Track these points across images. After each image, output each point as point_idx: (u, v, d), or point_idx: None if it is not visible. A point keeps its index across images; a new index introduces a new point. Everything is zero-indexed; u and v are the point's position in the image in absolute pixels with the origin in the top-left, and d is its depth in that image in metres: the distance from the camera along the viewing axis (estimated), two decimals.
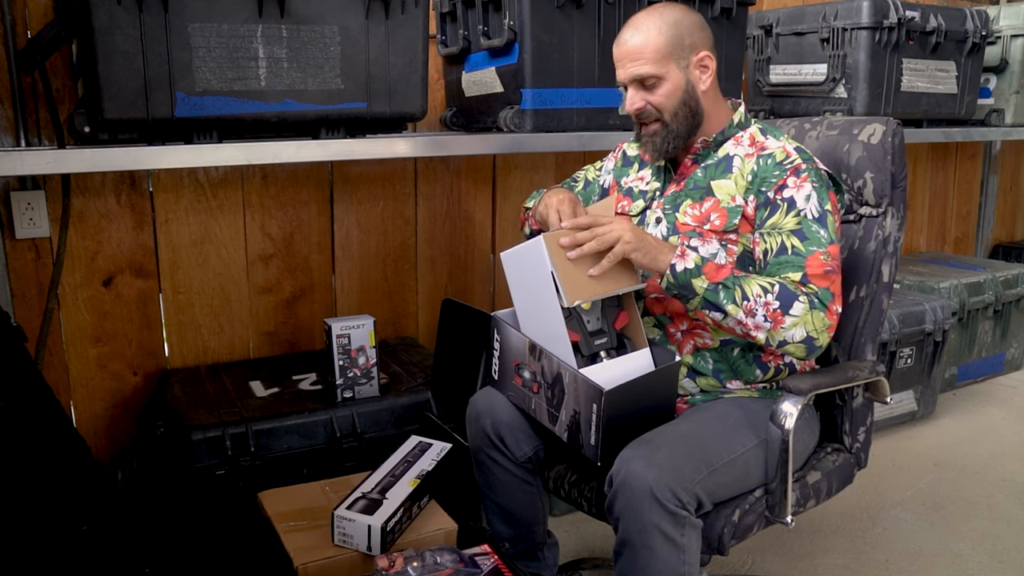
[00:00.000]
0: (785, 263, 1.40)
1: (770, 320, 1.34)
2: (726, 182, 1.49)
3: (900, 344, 2.76)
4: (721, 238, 1.47)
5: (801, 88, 2.80)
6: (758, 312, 1.34)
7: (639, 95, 1.48)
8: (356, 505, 1.45)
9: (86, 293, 2.08)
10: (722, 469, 1.36)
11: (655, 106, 1.48)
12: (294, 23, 1.72)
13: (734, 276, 1.37)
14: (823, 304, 1.37)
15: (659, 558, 1.28)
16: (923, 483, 2.47)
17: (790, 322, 1.34)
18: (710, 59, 1.48)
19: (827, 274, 1.38)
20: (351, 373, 1.92)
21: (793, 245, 1.40)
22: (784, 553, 2.08)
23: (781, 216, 1.42)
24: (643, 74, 1.46)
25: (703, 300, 1.36)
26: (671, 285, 1.38)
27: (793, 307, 1.34)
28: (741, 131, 1.54)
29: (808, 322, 1.35)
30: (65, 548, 1.38)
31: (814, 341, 1.36)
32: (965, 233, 4.00)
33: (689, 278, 1.36)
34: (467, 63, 2.24)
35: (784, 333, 1.35)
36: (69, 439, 1.56)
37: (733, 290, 1.35)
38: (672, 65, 1.46)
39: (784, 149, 1.47)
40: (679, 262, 1.37)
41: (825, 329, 1.37)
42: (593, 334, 1.44)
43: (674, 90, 1.47)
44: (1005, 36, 3.15)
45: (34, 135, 1.96)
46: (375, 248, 2.44)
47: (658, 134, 1.50)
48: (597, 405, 1.31)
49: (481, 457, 1.58)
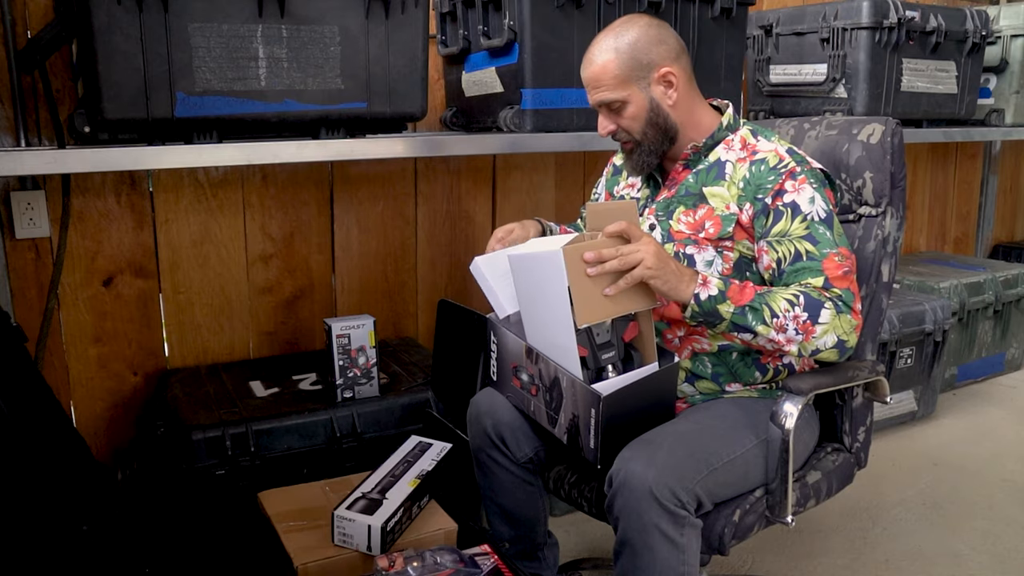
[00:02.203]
0: (803, 269, 1.39)
1: (801, 332, 1.34)
2: (719, 189, 1.48)
3: (900, 344, 2.76)
4: (716, 245, 1.46)
5: (801, 88, 2.80)
6: (789, 327, 1.34)
7: (609, 119, 1.50)
8: (356, 505, 1.45)
9: (86, 293, 2.08)
10: (722, 469, 1.36)
11: (624, 129, 1.49)
12: (294, 23, 1.72)
13: (759, 295, 1.36)
14: (847, 305, 1.37)
15: (659, 558, 1.28)
16: (923, 483, 2.47)
17: (821, 330, 1.34)
18: (673, 74, 1.46)
19: (846, 275, 1.39)
20: (351, 373, 1.92)
21: (807, 251, 1.39)
22: (784, 553, 2.08)
23: (787, 223, 1.41)
24: (606, 100, 1.47)
25: (731, 324, 1.35)
26: (696, 314, 1.35)
27: (821, 315, 1.34)
28: (731, 133, 1.52)
29: (837, 326, 1.35)
30: (65, 548, 1.38)
31: (845, 343, 1.37)
32: (965, 233, 4.00)
33: (714, 304, 1.34)
34: (467, 63, 2.24)
35: (816, 342, 1.35)
36: (69, 439, 1.56)
37: (761, 311, 1.34)
38: (633, 87, 1.45)
39: (776, 152, 1.46)
40: (702, 291, 1.34)
41: (853, 330, 1.37)
42: (601, 347, 1.39)
43: (638, 112, 1.47)
44: (1005, 36, 3.15)
45: (34, 135, 1.96)
46: (375, 248, 2.44)
47: (634, 152, 1.52)
48: (595, 410, 1.30)
49: (482, 457, 1.58)
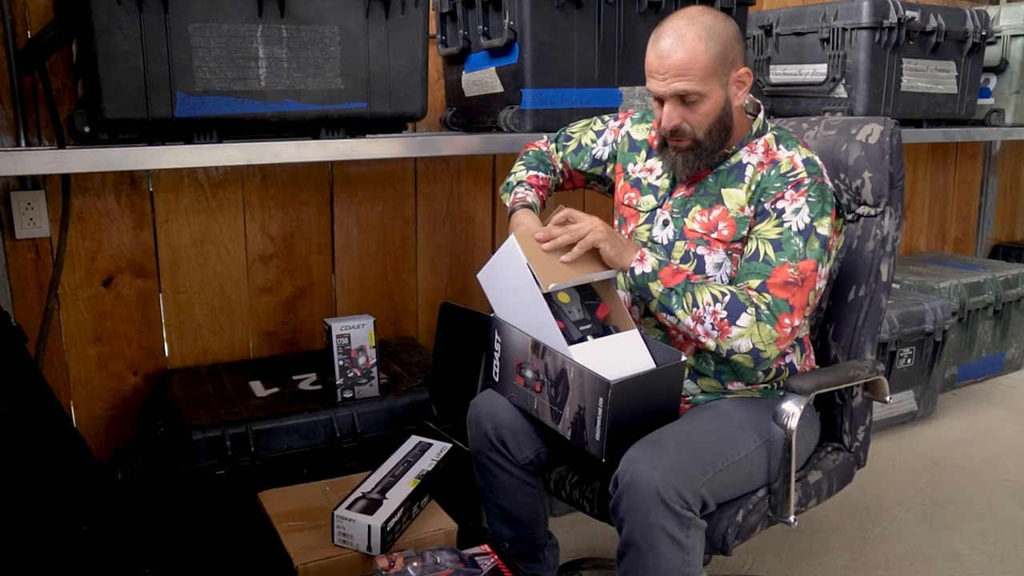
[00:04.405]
0: (753, 270, 1.39)
1: (717, 329, 1.36)
2: (737, 191, 1.46)
3: (900, 344, 2.76)
4: (728, 248, 1.46)
5: (801, 88, 2.80)
6: (706, 320, 1.37)
7: (677, 112, 1.41)
8: (356, 505, 1.45)
9: (86, 293, 2.08)
10: (727, 470, 1.36)
11: (692, 124, 1.42)
12: (294, 23, 1.72)
13: (688, 282, 1.39)
14: (773, 316, 1.35)
15: (664, 559, 1.28)
16: (923, 483, 2.47)
17: (736, 332, 1.35)
18: (748, 76, 1.43)
19: (787, 285, 1.36)
20: (351, 373, 1.92)
21: (765, 253, 1.39)
22: (784, 553, 2.08)
23: (767, 223, 1.41)
24: (686, 91, 1.39)
25: (659, 303, 1.41)
26: (631, 287, 1.44)
27: (740, 318, 1.35)
28: (757, 138, 1.50)
29: (754, 334, 1.35)
30: (65, 548, 1.38)
31: (761, 353, 1.36)
32: (965, 233, 4.00)
33: (646, 281, 1.41)
34: (467, 63, 2.24)
35: (731, 343, 1.36)
36: (69, 439, 1.56)
37: (684, 296, 1.38)
38: (715, 83, 1.39)
39: (791, 160, 1.43)
40: (637, 265, 1.42)
41: (773, 341, 1.36)
42: (576, 323, 1.47)
43: (713, 109, 1.41)
44: (1005, 36, 3.15)
45: (34, 135, 1.96)
46: (375, 248, 2.44)
47: (690, 152, 1.45)
48: (603, 399, 1.30)
49: (482, 460, 1.58)
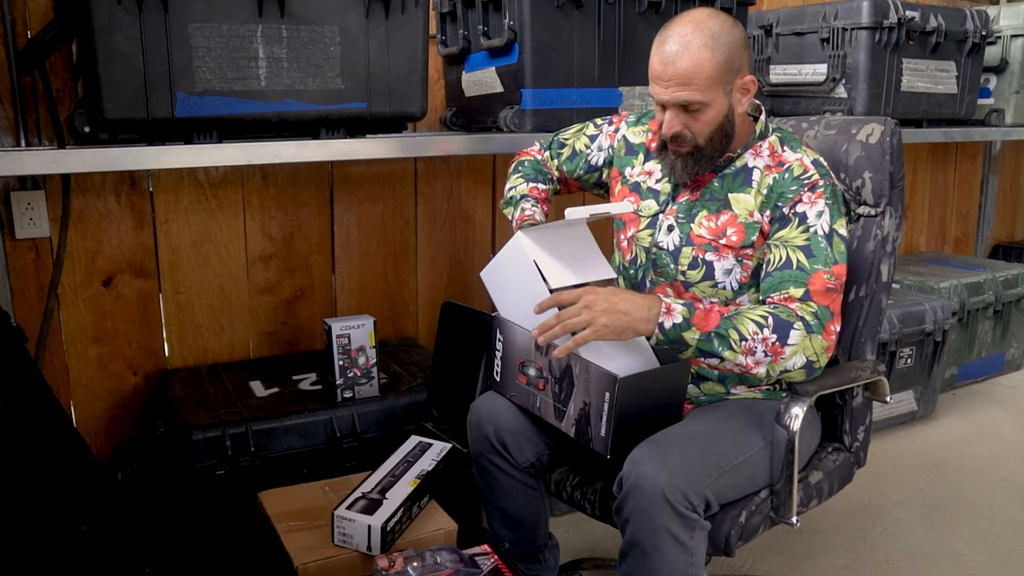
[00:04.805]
0: (789, 278, 1.38)
1: (771, 354, 1.32)
2: (744, 196, 1.46)
3: (900, 344, 2.76)
4: (738, 254, 1.45)
5: (801, 88, 2.80)
6: (757, 350, 1.32)
7: (679, 119, 1.41)
8: (356, 505, 1.45)
9: (86, 293, 2.08)
10: (731, 471, 1.36)
11: (693, 132, 1.41)
12: (294, 23, 1.72)
13: (725, 319, 1.33)
14: (820, 324, 1.34)
15: (668, 560, 1.28)
16: (923, 483, 2.47)
17: (790, 351, 1.33)
18: (753, 83, 1.42)
19: (828, 292, 1.36)
20: (351, 373, 1.92)
21: (799, 260, 1.38)
22: (784, 553, 2.08)
23: (791, 230, 1.40)
24: (689, 100, 1.38)
25: (696, 351, 1.34)
26: (661, 342, 1.35)
27: (791, 336, 1.32)
28: (761, 140, 1.49)
29: (807, 347, 1.33)
30: (65, 548, 1.38)
31: (813, 364, 1.35)
32: (965, 233, 4.00)
33: (679, 332, 1.33)
34: (467, 63, 2.24)
35: (785, 363, 1.33)
36: (69, 439, 1.56)
37: (728, 337, 1.32)
38: (719, 91, 1.38)
39: (802, 162, 1.44)
40: (667, 319, 1.33)
41: (824, 351, 1.35)
42: None
43: (715, 117, 1.40)
44: (1005, 36, 3.15)
45: (34, 135, 1.96)
46: (375, 248, 2.44)
47: (690, 157, 1.45)
48: (610, 393, 1.30)
49: (483, 462, 1.58)
